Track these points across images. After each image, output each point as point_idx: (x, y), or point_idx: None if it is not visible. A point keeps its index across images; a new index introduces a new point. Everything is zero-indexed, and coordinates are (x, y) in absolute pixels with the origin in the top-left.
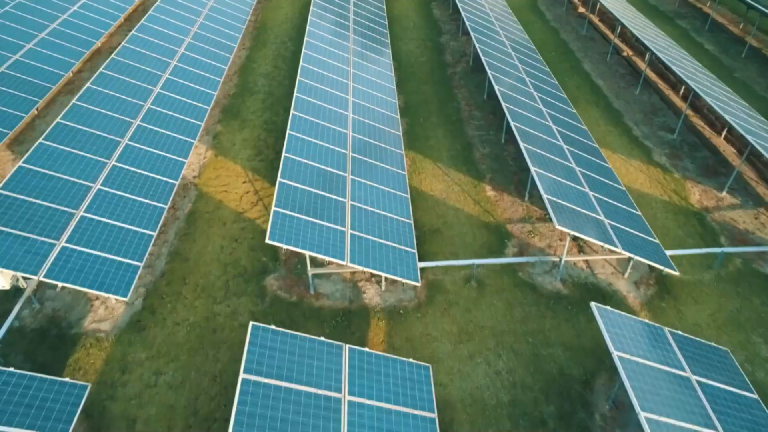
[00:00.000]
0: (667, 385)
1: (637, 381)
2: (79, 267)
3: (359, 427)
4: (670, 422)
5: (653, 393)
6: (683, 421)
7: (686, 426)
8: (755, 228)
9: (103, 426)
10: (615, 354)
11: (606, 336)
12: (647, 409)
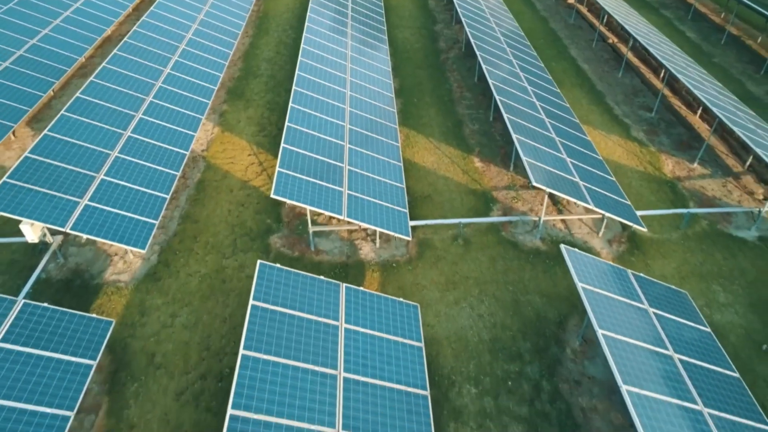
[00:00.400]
0: (625, 313)
1: (598, 307)
2: (101, 222)
3: (354, 348)
4: (625, 339)
5: (611, 317)
6: (637, 340)
7: (638, 343)
8: (722, 195)
9: (125, 359)
10: (579, 285)
11: (572, 271)
12: (604, 327)
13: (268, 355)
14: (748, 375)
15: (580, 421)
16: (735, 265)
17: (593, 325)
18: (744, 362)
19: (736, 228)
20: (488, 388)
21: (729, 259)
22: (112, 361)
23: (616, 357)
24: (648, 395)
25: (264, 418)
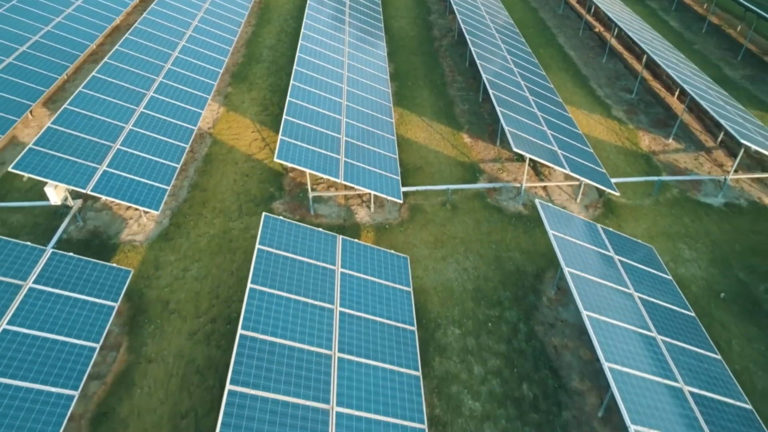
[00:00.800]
0: (591, 257)
1: (566, 251)
2: (118, 186)
3: (349, 288)
4: (589, 277)
5: (578, 258)
6: (601, 278)
7: (602, 281)
8: (694, 167)
9: (142, 306)
10: (550, 232)
11: (545, 221)
12: (570, 265)
13: (273, 289)
14: (706, 318)
15: (552, 357)
16: (701, 227)
17: (561, 264)
18: (703, 308)
19: (705, 195)
20: (470, 330)
21: (696, 222)
22: (131, 307)
23: (580, 290)
24: (607, 321)
25: (270, 339)
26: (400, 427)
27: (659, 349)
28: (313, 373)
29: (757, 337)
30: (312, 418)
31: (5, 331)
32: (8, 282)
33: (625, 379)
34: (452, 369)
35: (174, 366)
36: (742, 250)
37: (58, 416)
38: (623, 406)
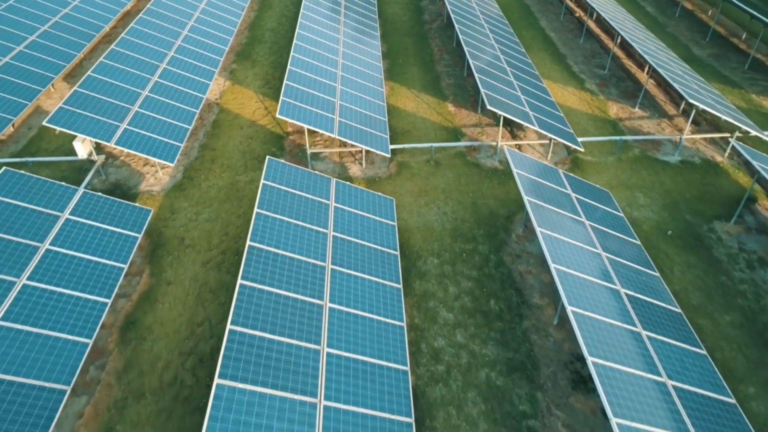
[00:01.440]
0: (551, 194)
1: (528, 189)
2: (138, 141)
3: (341, 219)
4: (549, 207)
5: (538, 194)
6: (558, 208)
7: (559, 211)
8: (656, 131)
9: (161, 242)
10: (515, 170)
11: (511, 163)
12: (530, 195)
13: (276, 214)
14: (653, 250)
15: (517, 280)
16: (656, 179)
17: (522, 195)
18: (652, 243)
19: (663, 154)
20: (447, 259)
21: (652, 175)
22: (151, 243)
23: (537, 216)
24: (559, 237)
25: (273, 250)
26: (383, 323)
27: (602, 262)
28: (310, 277)
29: (696, 264)
30: (309, 311)
31: (48, 250)
32: (48, 212)
33: (569, 278)
34: (430, 289)
35: (190, 287)
36: (691, 198)
37: (94, 318)
38: (563, 292)
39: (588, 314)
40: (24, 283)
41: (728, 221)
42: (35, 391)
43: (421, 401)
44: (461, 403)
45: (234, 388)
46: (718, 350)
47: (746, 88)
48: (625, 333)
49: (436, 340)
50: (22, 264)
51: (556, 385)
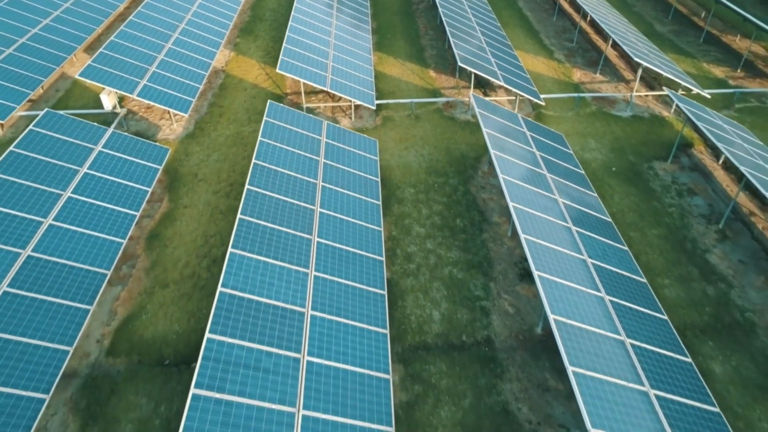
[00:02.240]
0: (509, 130)
1: (489, 123)
2: (156, 95)
3: (331, 151)
4: (507, 158)
5: (496, 127)
6: (517, 159)
7: (513, 141)
8: (613, 93)
9: (177, 177)
10: (477, 110)
11: (474, 106)
12: (488, 127)
13: (276, 142)
14: (598, 182)
15: (480, 204)
16: (608, 129)
17: (482, 130)
18: (598, 177)
19: (616, 110)
20: (422, 189)
21: (605, 126)
22: (168, 178)
23: (493, 144)
24: (509, 159)
25: (275, 168)
26: (364, 227)
27: (548, 182)
28: (304, 190)
29: (634, 193)
30: (303, 213)
31: (86, 174)
32: (84, 145)
33: (518, 192)
34: (406, 211)
35: (204, 209)
36: (636, 143)
37: (126, 225)
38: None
39: (527, 210)
40: (69, 196)
41: (666, 161)
42: (82, 272)
43: (395, 288)
44: (427, 290)
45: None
46: (643, 254)
47: (699, 58)
48: (573, 260)
49: (409, 247)
50: (65, 183)
51: (506, 278)
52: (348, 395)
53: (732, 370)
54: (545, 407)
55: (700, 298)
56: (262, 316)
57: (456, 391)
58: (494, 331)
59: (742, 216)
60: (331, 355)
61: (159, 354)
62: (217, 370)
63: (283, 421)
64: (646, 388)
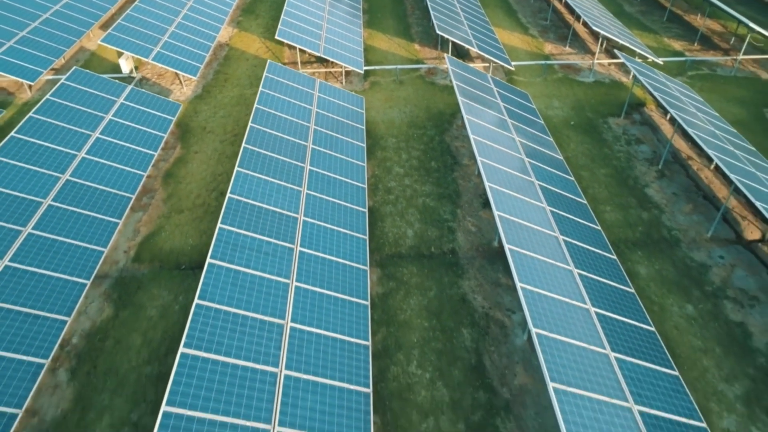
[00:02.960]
0: (478, 87)
1: (460, 80)
2: (168, 60)
3: (322, 103)
4: (471, 90)
5: (467, 83)
6: (483, 107)
7: (480, 93)
8: (581, 64)
9: (188, 129)
10: (450, 68)
11: (449, 64)
12: (459, 79)
13: (276, 93)
14: (558, 134)
15: (453, 151)
16: (571, 92)
17: (453, 83)
18: (558, 129)
19: (581, 77)
20: (402, 139)
21: (569, 89)
22: (180, 130)
23: (461, 92)
24: (477, 105)
25: (275, 113)
26: (350, 162)
27: (508, 126)
28: (299, 130)
29: (588, 142)
30: (297, 148)
31: (111, 120)
32: (108, 97)
33: (480, 130)
34: (388, 155)
35: (212, 154)
36: (595, 103)
37: (147, 160)
38: (476, 149)
39: (487, 143)
40: (97, 137)
41: (619, 117)
42: (111, 195)
43: (376, 214)
44: (403, 214)
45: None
46: (590, 188)
47: (661, 34)
48: (534, 208)
49: (389, 183)
50: (94, 126)
51: (471, 206)
52: (333, 279)
53: (654, 271)
54: (496, 297)
55: (635, 220)
56: (263, 218)
57: (423, 286)
58: (458, 245)
59: (681, 159)
60: (320, 249)
61: (176, 261)
62: (227, 249)
63: (279, 287)
64: (588, 306)
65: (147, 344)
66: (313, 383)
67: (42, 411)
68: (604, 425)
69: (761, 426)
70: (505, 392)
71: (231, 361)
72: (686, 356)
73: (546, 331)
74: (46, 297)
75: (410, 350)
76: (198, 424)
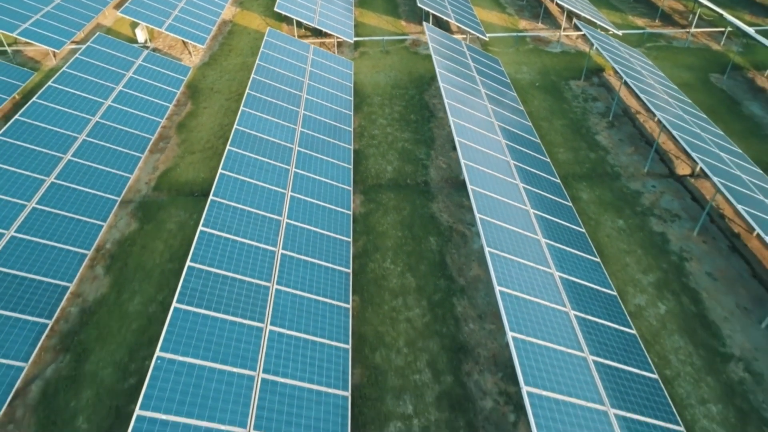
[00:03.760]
0: (452, 52)
1: (436, 44)
2: (178, 30)
3: (315, 64)
4: (446, 51)
5: (444, 51)
6: (454, 53)
7: (454, 55)
8: (550, 36)
9: (197, 90)
10: (428, 33)
11: (427, 32)
12: (434, 42)
13: (275, 53)
14: (523, 93)
15: (431, 106)
16: (539, 60)
17: (429, 45)
18: (525, 90)
19: (549, 48)
20: (386, 98)
21: (537, 58)
22: (190, 90)
23: (435, 52)
24: (449, 75)
25: (272, 68)
26: (338, 110)
27: (477, 82)
28: (293, 86)
29: (550, 99)
30: (291, 99)
31: (131, 78)
32: (128, 59)
33: (450, 80)
34: (373, 110)
35: (218, 109)
36: (559, 69)
37: (163, 110)
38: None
39: (455, 90)
40: (120, 90)
41: (579, 80)
42: (134, 135)
43: (361, 155)
44: (385, 154)
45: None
46: (548, 135)
47: (626, 12)
48: (491, 140)
49: (373, 131)
50: (117, 80)
51: (443, 148)
52: (322, 193)
53: (595, 197)
54: (459, 215)
55: (583, 159)
56: (264, 146)
57: (399, 207)
58: (430, 177)
59: (630, 113)
60: (310, 171)
61: (190, 190)
62: (235, 164)
63: (277, 197)
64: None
65: (168, 248)
66: (304, 262)
67: (84, 294)
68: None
69: (666, 302)
70: (462, 281)
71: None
72: (612, 255)
73: (498, 250)
74: (85, 207)
75: (386, 252)
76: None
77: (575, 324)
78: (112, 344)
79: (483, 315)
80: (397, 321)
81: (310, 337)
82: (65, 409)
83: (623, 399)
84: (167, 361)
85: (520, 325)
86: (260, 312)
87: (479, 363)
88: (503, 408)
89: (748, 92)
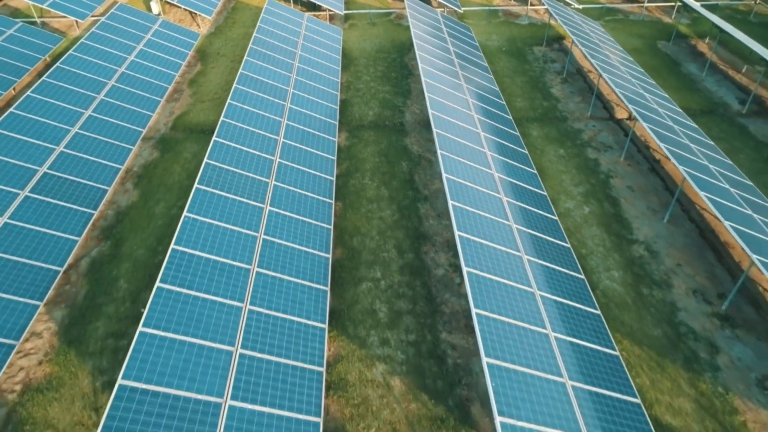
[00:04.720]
0: (427, 17)
1: (413, 10)
2: (188, 2)
3: (308, 30)
4: (421, 16)
5: (420, 17)
6: (430, 20)
7: (428, 20)
8: (521, 11)
9: (205, 54)
10: (407, 2)
11: (406, 2)
12: (414, 18)
13: (273, 18)
14: (491, 56)
15: (410, 67)
16: (507, 30)
17: (407, 12)
18: (493, 54)
19: (519, 21)
20: (371, 60)
21: (506, 29)
22: (198, 55)
23: (412, 17)
24: (426, 45)
25: (267, 39)
26: (326, 77)
27: (448, 45)
28: (289, 45)
29: (514, 62)
30: (284, 62)
31: (149, 39)
32: (147, 24)
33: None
34: (359, 70)
35: (224, 69)
36: (525, 37)
37: (176, 66)
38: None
39: (429, 58)
40: (141, 49)
41: (541, 46)
42: (153, 84)
43: (347, 103)
44: (368, 102)
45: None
46: (508, 88)
47: None
48: (459, 99)
49: (359, 86)
50: (138, 41)
51: (418, 98)
52: (309, 140)
53: (543, 134)
54: (427, 146)
55: (537, 106)
56: (264, 87)
57: (378, 141)
58: (405, 120)
59: (583, 72)
60: (299, 122)
61: (201, 129)
62: (241, 96)
63: (254, 221)
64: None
65: (185, 170)
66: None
67: (118, 202)
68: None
69: (590, 206)
70: (426, 192)
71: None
72: (551, 174)
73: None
74: (118, 133)
75: (365, 172)
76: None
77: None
78: (143, 234)
79: (441, 215)
80: (372, 219)
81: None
82: (108, 275)
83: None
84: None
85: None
86: (255, 226)
87: (435, 245)
88: (451, 274)
89: (688, 56)
